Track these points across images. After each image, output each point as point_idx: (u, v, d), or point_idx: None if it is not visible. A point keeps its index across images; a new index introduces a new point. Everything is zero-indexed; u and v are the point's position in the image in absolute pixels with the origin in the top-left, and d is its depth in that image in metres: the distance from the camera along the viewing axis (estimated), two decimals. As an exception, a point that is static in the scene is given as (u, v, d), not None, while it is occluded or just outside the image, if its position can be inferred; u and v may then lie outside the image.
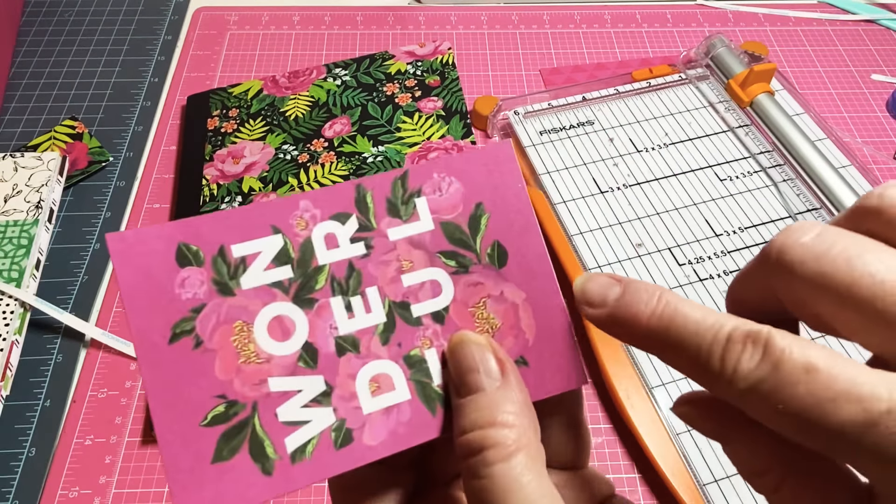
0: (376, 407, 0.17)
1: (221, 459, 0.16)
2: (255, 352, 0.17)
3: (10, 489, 0.37)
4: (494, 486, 0.15)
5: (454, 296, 0.19)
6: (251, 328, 0.17)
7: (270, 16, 0.63)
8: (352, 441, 0.17)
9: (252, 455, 0.16)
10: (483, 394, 0.17)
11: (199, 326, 0.17)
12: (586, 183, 0.48)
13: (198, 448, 0.16)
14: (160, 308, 0.17)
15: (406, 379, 0.18)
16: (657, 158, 0.50)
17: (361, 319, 0.18)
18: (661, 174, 0.49)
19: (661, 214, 0.46)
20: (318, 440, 0.17)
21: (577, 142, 0.51)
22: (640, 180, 0.48)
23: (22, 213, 0.45)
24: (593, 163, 0.49)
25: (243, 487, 0.16)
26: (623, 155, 0.50)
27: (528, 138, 0.51)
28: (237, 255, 0.17)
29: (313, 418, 0.17)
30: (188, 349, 0.17)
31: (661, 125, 0.52)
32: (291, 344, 0.17)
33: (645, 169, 0.49)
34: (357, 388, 0.17)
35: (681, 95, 0.54)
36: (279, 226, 0.18)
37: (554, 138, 0.51)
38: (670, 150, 0.50)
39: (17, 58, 0.59)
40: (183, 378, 0.16)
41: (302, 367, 0.17)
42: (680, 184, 0.48)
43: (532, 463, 0.16)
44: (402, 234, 0.19)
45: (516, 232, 0.19)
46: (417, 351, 0.18)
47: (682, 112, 0.53)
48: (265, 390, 0.17)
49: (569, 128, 0.52)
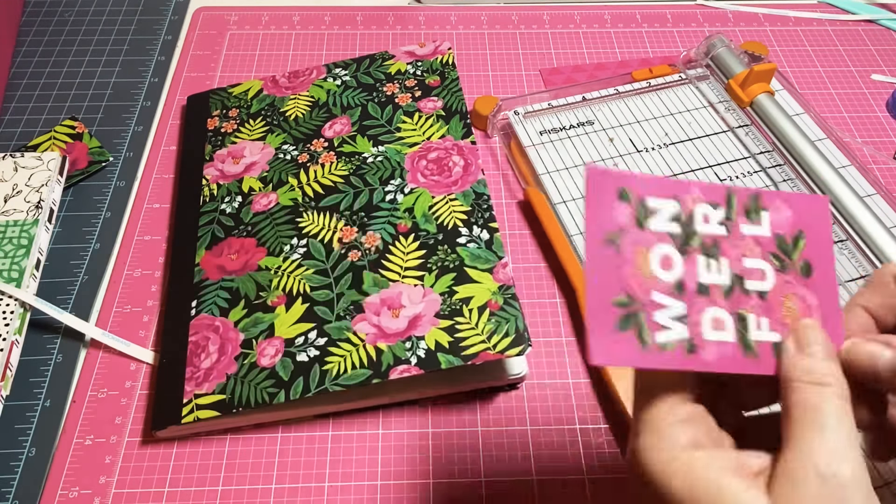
0: (713, 338, 0.25)
1: (621, 329, 0.24)
2: (649, 271, 0.25)
3: (10, 489, 0.37)
4: (819, 405, 0.22)
5: (774, 285, 0.27)
6: (648, 255, 0.25)
7: (270, 16, 0.63)
8: (695, 352, 0.25)
9: (637, 335, 0.24)
10: (815, 356, 0.24)
11: (621, 239, 0.25)
12: None
13: (607, 317, 0.24)
14: (604, 220, 0.25)
15: (735, 328, 0.25)
16: (657, 158, 0.50)
17: (714, 276, 0.26)
18: (661, 174, 0.49)
19: None
20: (675, 343, 0.24)
21: (577, 142, 0.51)
22: None
23: (22, 213, 0.45)
24: (596, 162, 0.49)
25: (629, 352, 0.24)
26: (623, 155, 0.50)
27: (528, 138, 0.51)
28: (650, 206, 0.26)
29: (674, 328, 0.25)
30: (612, 252, 0.25)
31: (661, 125, 0.52)
32: (671, 275, 0.25)
33: (645, 169, 0.49)
34: (702, 320, 0.25)
35: (681, 95, 0.54)
36: (679, 197, 0.26)
37: (554, 138, 0.51)
38: (670, 150, 0.50)
39: (17, 58, 0.59)
40: (606, 268, 0.25)
41: (675, 293, 0.25)
42: None
43: (844, 405, 0.22)
44: (749, 231, 0.27)
45: (821, 262, 0.28)
46: (744, 311, 0.26)
47: (682, 112, 0.53)
48: (650, 298, 0.25)
49: (569, 128, 0.52)
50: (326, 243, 0.43)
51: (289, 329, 0.40)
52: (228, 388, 0.38)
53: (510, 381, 0.40)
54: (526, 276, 0.46)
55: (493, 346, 0.38)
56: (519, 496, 0.37)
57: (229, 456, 0.38)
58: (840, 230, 0.45)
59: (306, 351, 0.39)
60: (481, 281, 0.41)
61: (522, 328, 0.38)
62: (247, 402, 0.38)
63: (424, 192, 0.45)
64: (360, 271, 0.42)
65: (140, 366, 0.42)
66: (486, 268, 0.41)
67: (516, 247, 0.47)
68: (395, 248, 0.43)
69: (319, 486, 0.38)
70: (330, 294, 0.41)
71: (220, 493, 0.37)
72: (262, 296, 0.42)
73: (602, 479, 0.38)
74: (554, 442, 0.39)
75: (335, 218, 0.45)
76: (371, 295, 0.41)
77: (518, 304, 0.39)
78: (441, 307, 0.40)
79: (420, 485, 0.38)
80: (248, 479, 0.38)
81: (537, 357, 0.42)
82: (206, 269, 0.44)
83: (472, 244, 0.42)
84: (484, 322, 0.39)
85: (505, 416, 0.40)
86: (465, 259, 0.42)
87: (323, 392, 0.37)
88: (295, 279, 0.42)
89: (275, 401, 0.37)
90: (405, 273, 0.42)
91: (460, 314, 0.39)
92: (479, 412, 0.40)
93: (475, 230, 0.43)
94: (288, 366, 0.39)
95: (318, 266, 0.42)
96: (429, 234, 0.43)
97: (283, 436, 0.39)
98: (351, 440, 0.39)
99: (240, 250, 0.44)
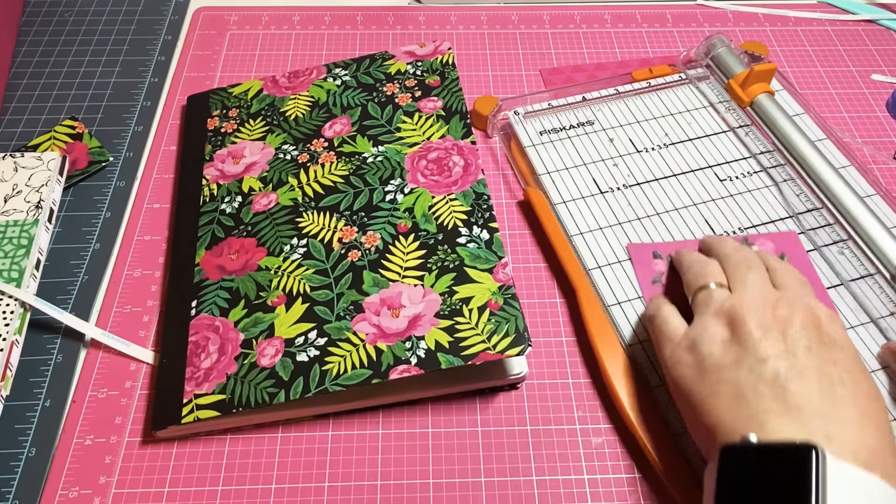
0: None
1: None
2: None
3: (10, 489, 0.37)
4: None
5: None
6: None
7: (270, 16, 0.63)
8: None
9: None
10: None
11: (661, 279, 0.43)
12: (586, 183, 0.48)
13: None
14: (648, 272, 0.43)
15: None
16: (657, 159, 0.50)
17: None
18: (661, 174, 0.49)
19: (661, 215, 0.46)
20: None
21: (577, 142, 0.51)
22: (640, 181, 0.48)
23: (22, 213, 0.45)
24: (593, 163, 0.49)
25: None
26: (623, 155, 0.50)
27: (527, 138, 0.51)
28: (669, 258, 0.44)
29: None
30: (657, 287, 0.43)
31: (661, 125, 0.52)
32: None
33: (645, 169, 0.49)
34: None
35: (681, 95, 0.54)
36: None
37: (554, 138, 0.51)
38: (670, 150, 0.50)
39: (17, 58, 0.59)
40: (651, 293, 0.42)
41: None
42: (680, 184, 0.48)
43: None
44: None
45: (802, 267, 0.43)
46: None
47: (682, 112, 0.53)
48: None
49: (569, 128, 0.52)
50: (326, 243, 0.43)
51: (289, 329, 0.40)
52: (228, 388, 0.38)
53: (510, 381, 0.40)
54: (526, 276, 0.46)
55: (493, 346, 0.38)
56: (519, 496, 0.37)
57: (229, 456, 0.38)
58: (840, 230, 0.45)
59: (306, 351, 0.39)
60: (481, 281, 0.41)
61: (522, 328, 0.38)
62: (247, 402, 0.38)
63: (424, 192, 0.45)
64: (360, 271, 0.42)
65: (140, 366, 0.42)
66: (486, 268, 0.41)
67: (516, 247, 0.47)
68: (395, 248, 0.43)
69: (319, 486, 0.38)
70: (330, 294, 0.41)
71: (220, 493, 0.37)
72: (262, 296, 0.42)
73: (602, 479, 0.38)
74: (554, 442, 0.39)
75: (335, 218, 0.45)
76: (371, 295, 0.41)
77: (518, 304, 0.39)
78: (441, 307, 0.40)
79: (420, 485, 0.38)
80: (248, 479, 0.38)
81: (537, 357, 0.42)
82: (206, 269, 0.44)
83: (472, 244, 0.42)
84: (484, 322, 0.39)
85: (505, 416, 0.40)
86: (465, 259, 0.42)
87: (323, 392, 0.37)
88: (295, 279, 0.42)
89: (275, 401, 0.37)
90: (405, 273, 0.42)
91: (460, 314, 0.39)
92: (479, 412, 0.40)
93: (475, 230, 0.43)
94: (288, 366, 0.39)
95: (318, 266, 0.42)
96: (429, 234, 0.43)
97: (283, 436, 0.39)
98: (351, 440, 0.39)
99: (240, 250, 0.44)
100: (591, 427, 0.40)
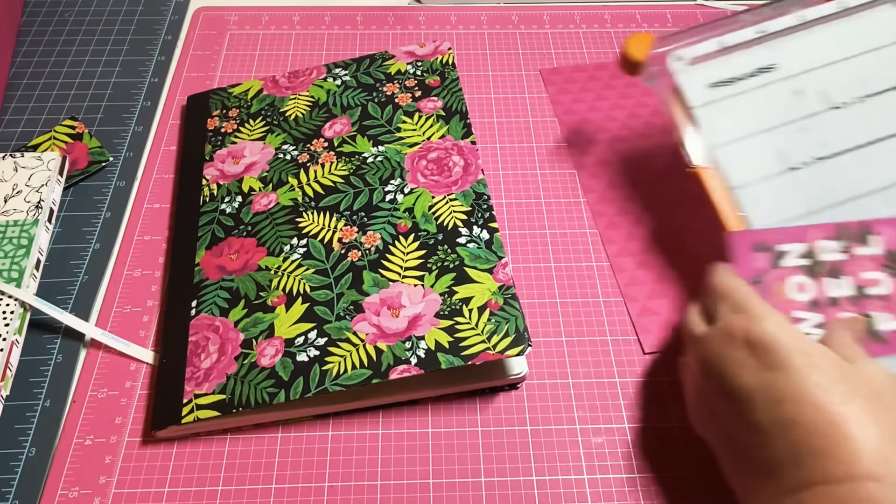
0: None
1: None
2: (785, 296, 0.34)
3: (10, 489, 0.37)
4: None
5: (892, 289, 0.34)
6: (784, 285, 0.35)
7: (270, 16, 0.63)
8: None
9: None
10: None
11: (764, 278, 0.35)
12: (771, 157, 0.37)
13: None
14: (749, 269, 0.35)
15: None
16: (856, 118, 0.38)
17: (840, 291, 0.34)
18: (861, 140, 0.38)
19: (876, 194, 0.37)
20: None
21: (757, 97, 0.39)
22: (841, 149, 0.38)
23: (22, 213, 0.45)
24: (779, 127, 0.38)
25: None
26: (812, 115, 0.38)
27: (695, 96, 0.38)
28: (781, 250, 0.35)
29: (814, 333, 0.34)
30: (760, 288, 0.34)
31: (864, 65, 0.39)
32: (805, 296, 0.34)
33: (846, 134, 0.38)
34: None
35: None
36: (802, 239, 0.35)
37: (728, 93, 0.39)
38: (878, 100, 0.38)
39: (17, 58, 0.59)
40: None
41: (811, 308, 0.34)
42: None
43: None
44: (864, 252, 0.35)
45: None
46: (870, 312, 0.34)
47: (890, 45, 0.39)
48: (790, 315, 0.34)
49: (748, 76, 0.39)
50: (326, 243, 0.43)
51: (289, 329, 0.40)
52: (228, 388, 0.38)
53: (510, 381, 0.40)
54: (526, 276, 0.46)
55: (493, 346, 0.38)
56: (519, 496, 0.37)
57: (229, 456, 0.38)
58: None
59: (306, 351, 0.39)
60: (481, 281, 0.41)
61: (522, 328, 0.38)
62: (247, 402, 0.38)
63: (424, 192, 0.45)
64: (360, 271, 0.42)
65: (140, 366, 0.42)
66: (486, 268, 0.41)
67: (516, 247, 0.47)
68: (394, 248, 0.43)
69: (319, 486, 0.38)
70: (330, 294, 0.41)
71: (220, 493, 0.37)
72: (262, 296, 0.42)
73: (602, 479, 0.38)
74: (554, 442, 0.39)
75: (335, 218, 0.45)
76: (371, 295, 0.41)
77: (518, 304, 0.39)
78: (441, 307, 0.40)
79: (420, 485, 0.38)
80: (248, 479, 0.38)
81: (537, 357, 0.42)
82: (206, 269, 0.44)
83: (472, 244, 0.42)
84: (484, 322, 0.39)
85: (505, 416, 0.40)
86: (465, 259, 0.42)
87: (323, 392, 0.37)
88: (295, 279, 0.42)
89: (275, 401, 0.37)
90: (405, 273, 0.42)
91: (460, 314, 0.39)
92: (479, 412, 0.40)
93: (475, 230, 0.43)
94: (288, 366, 0.39)
95: (318, 266, 0.42)
96: (429, 234, 0.43)
97: (283, 436, 0.39)
98: (351, 440, 0.39)
99: (240, 250, 0.44)
100: (591, 427, 0.40)
